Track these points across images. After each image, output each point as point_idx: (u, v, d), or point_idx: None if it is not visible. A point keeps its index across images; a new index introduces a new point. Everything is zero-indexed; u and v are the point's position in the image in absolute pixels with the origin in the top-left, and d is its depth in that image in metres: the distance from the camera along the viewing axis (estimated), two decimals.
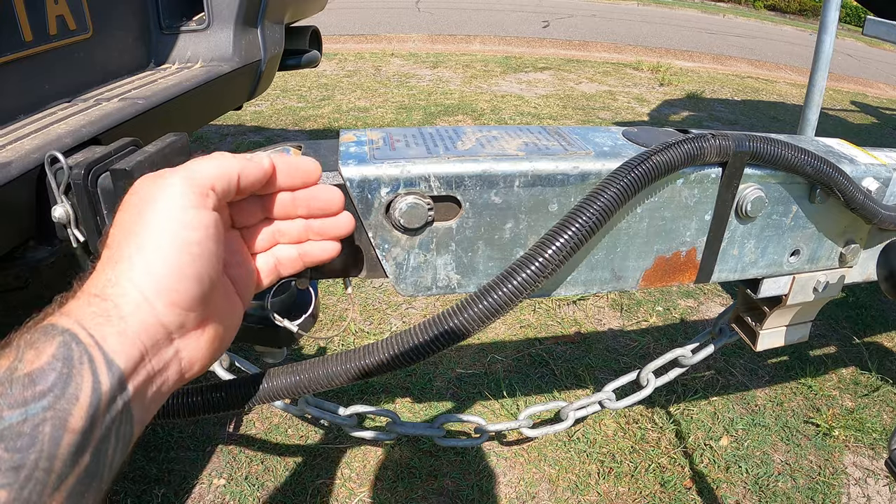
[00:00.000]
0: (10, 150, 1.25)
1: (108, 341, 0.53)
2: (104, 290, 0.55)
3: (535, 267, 0.80)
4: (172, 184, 0.60)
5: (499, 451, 2.48)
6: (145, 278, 0.56)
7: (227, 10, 2.01)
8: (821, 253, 1.20)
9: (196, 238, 0.59)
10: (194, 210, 0.60)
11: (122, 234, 0.59)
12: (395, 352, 0.82)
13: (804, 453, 2.51)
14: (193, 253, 0.59)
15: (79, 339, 0.51)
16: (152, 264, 0.57)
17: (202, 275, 0.60)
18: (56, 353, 0.50)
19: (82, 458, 0.49)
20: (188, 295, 0.59)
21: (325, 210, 0.75)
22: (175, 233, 0.58)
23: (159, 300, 0.56)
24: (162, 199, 0.59)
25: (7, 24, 1.43)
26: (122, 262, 0.57)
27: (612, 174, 0.87)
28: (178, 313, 0.58)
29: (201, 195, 0.61)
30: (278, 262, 0.76)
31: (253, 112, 6.67)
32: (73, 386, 0.49)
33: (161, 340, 0.58)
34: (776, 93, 9.17)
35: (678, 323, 3.35)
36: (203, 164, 0.63)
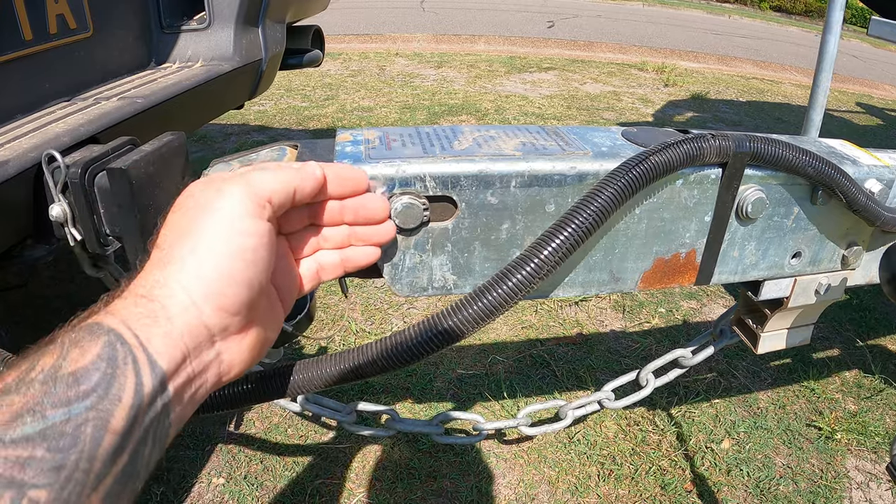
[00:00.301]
0: (8, 148, 1.25)
1: (153, 342, 0.53)
2: (152, 290, 0.56)
3: (530, 268, 0.79)
4: (232, 192, 0.61)
5: (498, 453, 2.47)
6: (195, 281, 0.57)
7: (228, 10, 2.00)
8: (823, 255, 1.19)
9: (251, 245, 0.60)
10: (251, 219, 0.61)
11: (174, 235, 0.59)
12: (388, 354, 0.81)
13: (806, 457, 2.49)
14: (247, 259, 0.60)
15: (123, 339, 0.51)
16: (204, 267, 0.57)
17: (252, 281, 0.61)
18: (101, 352, 0.50)
19: (120, 459, 0.49)
20: (236, 300, 0.59)
21: (372, 218, 0.77)
22: (230, 239, 0.59)
23: (207, 304, 0.57)
24: (220, 206, 0.60)
25: (7, 22, 1.43)
26: (172, 263, 0.57)
27: (610, 175, 0.86)
28: (224, 317, 0.59)
29: (259, 206, 0.62)
30: (321, 267, 0.77)
31: (257, 111, 6.67)
32: (117, 386, 0.49)
33: (203, 343, 0.58)
34: (781, 94, 9.15)
35: (681, 324, 3.34)
36: (264, 176, 0.64)
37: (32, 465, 0.43)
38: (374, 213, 0.77)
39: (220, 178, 0.63)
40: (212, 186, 0.62)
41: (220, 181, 0.62)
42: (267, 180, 0.63)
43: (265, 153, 0.96)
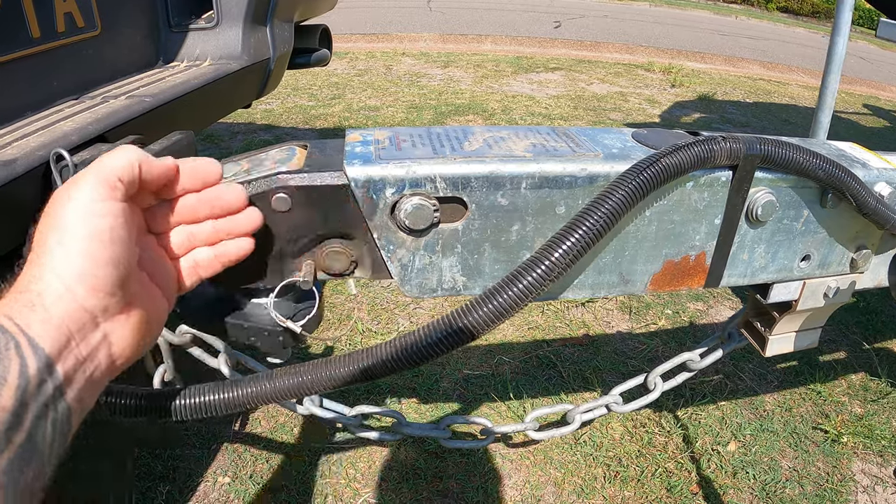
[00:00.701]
0: (16, 147, 1.25)
1: (33, 328, 0.56)
2: (28, 285, 0.59)
3: (541, 270, 0.79)
4: (85, 180, 0.64)
5: (504, 454, 2.47)
6: (65, 267, 0.60)
7: (237, 9, 2.00)
8: (832, 258, 1.18)
9: (107, 225, 0.63)
10: (104, 202, 0.63)
11: (42, 233, 0.62)
12: (399, 355, 0.81)
13: (812, 460, 2.49)
14: (105, 239, 0.62)
15: (4, 328, 0.54)
16: (70, 253, 0.60)
17: (117, 259, 0.63)
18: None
19: (15, 437, 0.51)
20: (107, 280, 0.62)
21: (228, 208, 0.78)
22: (87, 222, 0.62)
23: (80, 286, 0.60)
24: (76, 195, 0.63)
25: (15, 20, 1.43)
26: (44, 255, 0.60)
27: (621, 177, 0.86)
28: (100, 297, 0.62)
29: (110, 187, 0.64)
30: (196, 264, 0.79)
31: (263, 110, 6.68)
32: (1, 368, 0.52)
33: (87, 325, 0.61)
34: (788, 95, 9.13)
35: (687, 326, 3.33)
36: (110, 158, 0.66)
37: None
38: (228, 203, 0.78)
39: (77, 174, 0.66)
40: (69, 182, 0.65)
41: (77, 175, 0.65)
42: (113, 161, 0.66)
43: (274, 153, 0.96)
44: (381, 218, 0.87)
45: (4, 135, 1.34)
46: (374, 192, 0.85)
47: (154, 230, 0.76)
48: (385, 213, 0.87)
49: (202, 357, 1.56)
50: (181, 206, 0.76)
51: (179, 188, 0.75)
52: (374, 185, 0.85)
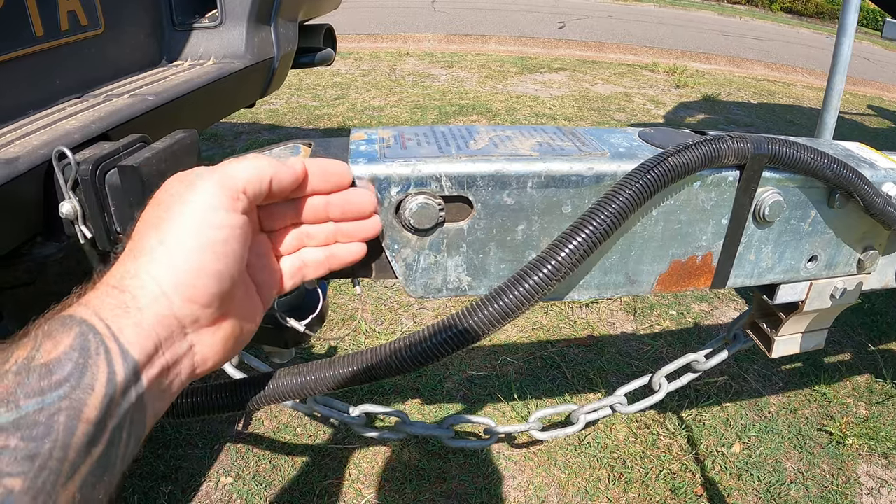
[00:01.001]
0: (19, 145, 1.25)
1: (125, 332, 0.53)
2: (122, 281, 0.56)
3: (547, 270, 0.78)
4: (205, 184, 0.61)
5: (508, 455, 2.46)
6: (165, 271, 0.57)
7: (240, 8, 2.00)
8: (839, 259, 1.18)
9: (221, 237, 0.60)
10: (224, 212, 0.60)
11: (146, 227, 0.59)
12: (403, 355, 0.81)
13: (817, 462, 2.48)
14: (217, 252, 0.59)
15: (96, 329, 0.52)
16: (174, 258, 0.57)
17: (223, 274, 0.60)
18: (73, 343, 0.50)
19: (95, 449, 0.49)
20: (206, 292, 0.59)
21: (358, 213, 0.77)
22: (200, 231, 0.59)
23: (176, 294, 0.57)
24: (192, 198, 0.59)
25: (18, 19, 1.43)
26: (143, 254, 0.57)
27: (628, 176, 0.85)
28: (194, 309, 0.59)
29: (232, 198, 0.61)
30: (304, 264, 0.77)
31: (267, 110, 6.68)
32: (90, 376, 0.49)
33: (175, 334, 0.58)
34: (792, 96, 9.12)
35: (692, 327, 3.32)
36: (237, 167, 0.64)
37: (6, 454, 0.43)
38: (359, 207, 0.77)
39: (195, 172, 0.63)
40: (185, 179, 0.62)
41: (195, 174, 0.62)
42: (241, 170, 0.63)
43: (279, 150, 0.95)
44: (386, 217, 0.87)
45: (7, 133, 1.34)
46: (379, 190, 0.85)
47: (268, 228, 0.73)
48: (390, 211, 0.86)
49: None
50: (306, 206, 0.74)
51: (309, 190, 0.72)
52: (378, 183, 0.84)
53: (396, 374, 0.83)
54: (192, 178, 0.61)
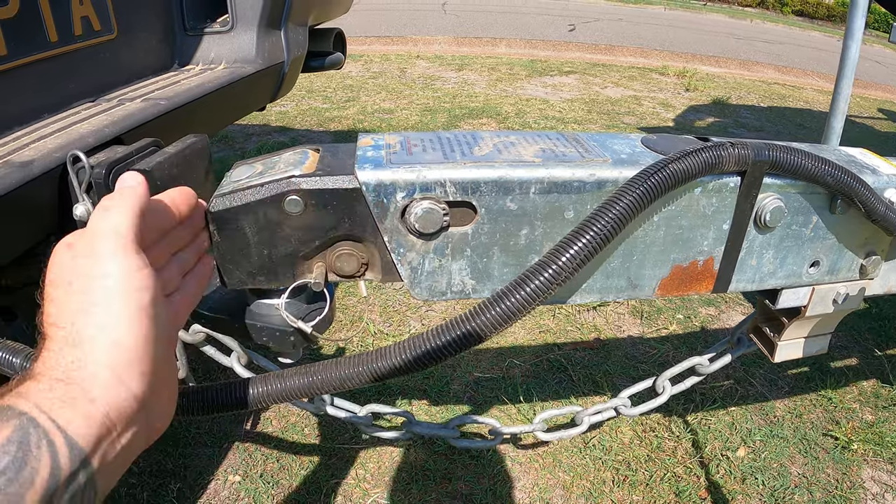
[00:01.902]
0: (34, 148, 1.27)
1: (73, 424, 0.52)
2: (68, 373, 0.55)
3: (548, 274, 0.80)
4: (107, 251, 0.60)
5: (513, 456, 2.47)
6: (113, 356, 0.56)
7: (251, 12, 2.02)
8: (841, 264, 1.19)
9: (149, 297, 0.60)
10: (139, 271, 0.60)
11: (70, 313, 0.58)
12: (408, 356, 0.82)
13: (822, 466, 2.48)
14: (152, 313, 0.59)
15: (37, 422, 0.51)
16: (119, 339, 0.57)
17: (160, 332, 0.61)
18: (11, 436, 0.49)
19: None
20: (155, 357, 0.59)
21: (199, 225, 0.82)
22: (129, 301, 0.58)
23: (131, 373, 0.57)
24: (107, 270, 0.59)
25: (33, 24, 1.45)
26: (84, 342, 0.56)
27: (629, 182, 0.87)
28: (149, 380, 0.59)
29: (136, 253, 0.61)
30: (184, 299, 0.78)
31: (278, 112, 6.70)
32: (29, 470, 0.48)
33: (134, 412, 0.58)
34: (803, 99, 9.10)
35: (699, 331, 3.32)
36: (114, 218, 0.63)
37: None
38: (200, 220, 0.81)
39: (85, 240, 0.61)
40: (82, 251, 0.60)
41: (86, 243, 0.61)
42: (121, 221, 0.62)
43: (287, 156, 0.97)
44: (392, 221, 0.89)
45: (22, 136, 1.36)
46: (385, 195, 0.86)
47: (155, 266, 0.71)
48: (395, 216, 0.88)
49: (215, 356, 1.58)
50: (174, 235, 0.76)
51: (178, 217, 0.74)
52: (384, 188, 0.86)
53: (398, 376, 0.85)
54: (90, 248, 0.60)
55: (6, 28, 1.36)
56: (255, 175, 0.91)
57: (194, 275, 0.79)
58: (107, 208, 0.63)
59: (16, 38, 1.40)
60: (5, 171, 1.16)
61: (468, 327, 0.80)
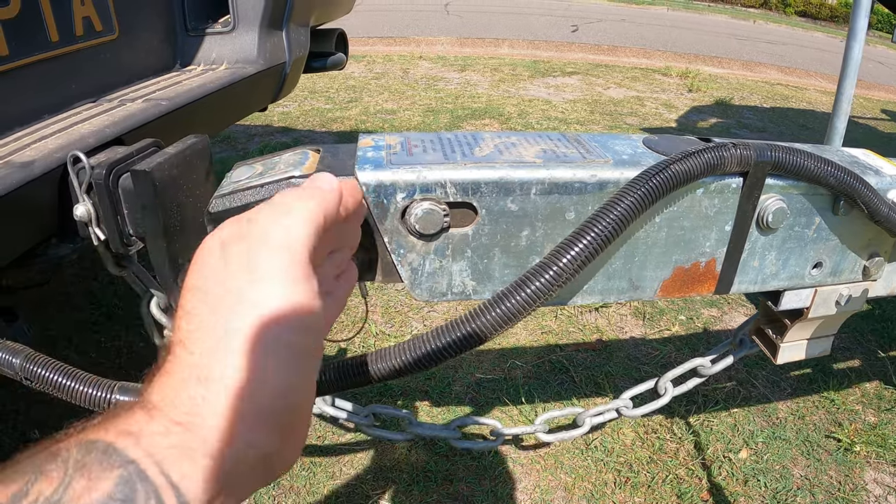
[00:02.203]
0: (34, 149, 1.27)
1: (187, 480, 0.43)
2: (190, 416, 0.45)
3: (549, 275, 0.80)
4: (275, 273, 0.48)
5: (515, 457, 2.47)
6: (247, 407, 0.46)
7: (253, 13, 2.02)
8: (844, 266, 1.18)
9: (310, 345, 0.49)
10: (301, 307, 0.48)
11: (205, 336, 0.47)
12: (408, 357, 0.82)
13: (824, 468, 2.48)
14: (304, 362, 0.49)
15: (146, 475, 0.41)
16: (258, 389, 0.46)
17: (309, 388, 0.50)
18: (113, 490, 0.40)
19: None
20: (296, 416, 0.50)
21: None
22: (285, 345, 0.47)
23: (263, 429, 0.47)
24: (262, 298, 0.48)
25: (34, 24, 1.45)
26: (212, 382, 0.46)
27: (630, 183, 0.86)
28: (282, 439, 0.49)
29: (306, 275, 0.50)
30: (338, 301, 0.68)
31: (281, 113, 6.71)
32: None
33: (258, 467, 0.48)
34: (806, 100, 9.09)
35: (701, 332, 3.32)
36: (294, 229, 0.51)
37: None
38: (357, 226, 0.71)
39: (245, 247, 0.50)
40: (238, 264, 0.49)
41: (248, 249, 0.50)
42: (299, 235, 0.51)
43: (287, 156, 0.97)
44: (392, 222, 0.88)
45: (23, 136, 1.36)
46: (385, 196, 0.86)
47: None
48: (396, 217, 0.88)
49: None
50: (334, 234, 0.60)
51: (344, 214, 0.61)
52: (384, 189, 0.86)
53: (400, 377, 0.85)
54: (249, 259, 0.49)
55: (7, 28, 1.36)
56: (255, 176, 0.91)
57: (346, 277, 0.69)
58: (288, 210, 0.52)
59: (17, 39, 1.40)
60: (6, 172, 1.16)
61: (468, 329, 0.80)
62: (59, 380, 1.00)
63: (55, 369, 1.01)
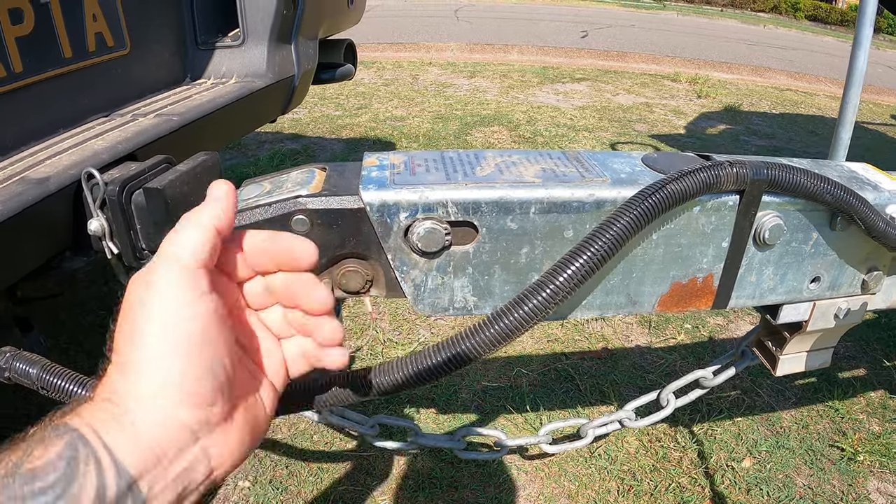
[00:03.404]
0: (49, 164, 1.30)
1: (119, 446, 0.52)
2: (116, 394, 0.55)
3: (547, 293, 0.82)
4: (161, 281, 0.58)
5: (519, 465, 2.49)
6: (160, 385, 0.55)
7: (262, 27, 2.05)
8: (842, 280, 1.20)
9: (198, 329, 0.58)
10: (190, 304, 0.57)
11: (123, 341, 0.57)
12: (409, 372, 0.84)
13: (828, 478, 2.48)
14: (200, 344, 0.57)
15: (86, 440, 0.51)
16: (164, 370, 0.56)
17: (213, 365, 0.58)
18: (62, 452, 0.50)
19: None
20: (205, 390, 0.57)
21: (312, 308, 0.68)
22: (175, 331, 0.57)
23: (178, 403, 0.56)
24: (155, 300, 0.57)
25: (48, 41, 1.48)
26: (130, 370, 0.56)
27: (627, 203, 0.88)
28: (201, 412, 0.57)
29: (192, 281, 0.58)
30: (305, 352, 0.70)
31: (291, 120, 6.74)
32: (76, 487, 0.49)
33: (184, 442, 0.56)
34: (815, 106, 9.07)
35: (706, 341, 3.33)
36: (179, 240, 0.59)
37: None
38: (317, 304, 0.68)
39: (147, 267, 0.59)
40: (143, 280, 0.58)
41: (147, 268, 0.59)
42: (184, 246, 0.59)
43: (295, 175, 1.00)
44: (395, 240, 0.91)
45: (38, 152, 1.39)
46: (389, 216, 0.89)
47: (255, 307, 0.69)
48: (399, 235, 0.90)
49: None
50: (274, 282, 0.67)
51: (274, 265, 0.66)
52: (388, 209, 0.88)
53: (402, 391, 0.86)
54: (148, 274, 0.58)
55: (22, 45, 1.39)
56: (263, 194, 0.94)
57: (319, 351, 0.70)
58: (179, 228, 0.60)
59: (31, 55, 1.43)
60: (23, 188, 1.19)
61: (465, 346, 0.82)
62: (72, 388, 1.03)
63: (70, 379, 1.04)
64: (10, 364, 1.06)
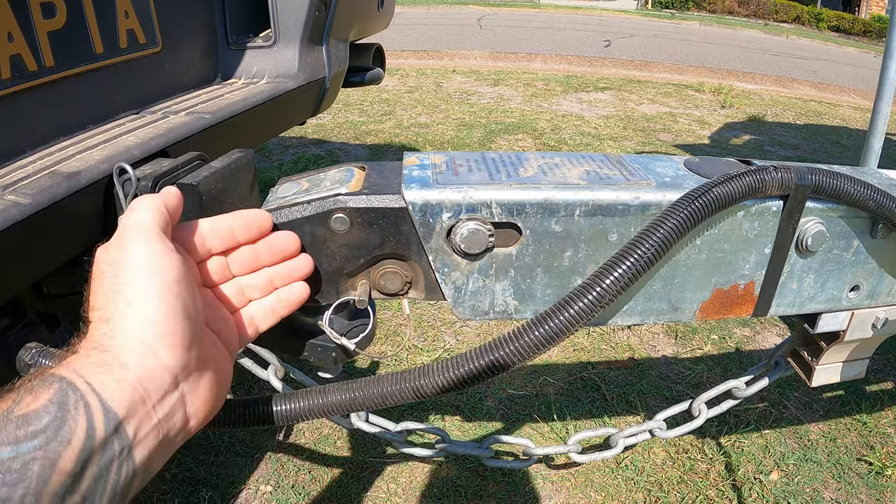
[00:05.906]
0: (80, 159, 1.29)
1: (107, 388, 0.56)
2: (102, 342, 0.59)
3: (591, 297, 0.80)
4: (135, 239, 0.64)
5: (546, 475, 2.47)
6: (143, 326, 0.60)
7: (294, 28, 2.04)
8: (881, 289, 1.17)
9: (174, 277, 0.63)
10: (165, 255, 0.64)
11: (104, 297, 0.62)
12: (447, 377, 0.82)
13: (855, 492, 2.45)
14: (177, 292, 0.63)
15: (75, 385, 0.54)
16: (147, 312, 0.60)
17: (189, 311, 0.64)
18: (52, 397, 0.53)
19: (71, 498, 0.51)
20: (184, 333, 0.62)
21: (285, 255, 0.82)
22: (156, 279, 0.62)
23: (160, 344, 0.60)
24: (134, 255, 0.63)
25: (79, 36, 1.48)
26: (115, 318, 0.60)
27: (673, 206, 0.87)
28: (181, 354, 0.62)
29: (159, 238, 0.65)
30: (254, 314, 0.81)
31: (315, 125, 6.76)
32: (67, 429, 0.52)
33: (167, 385, 0.61)
34: (839, 117, 9.01)
35: (733, 352, 3.30)
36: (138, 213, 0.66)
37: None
38: (285, 248, 0.82)
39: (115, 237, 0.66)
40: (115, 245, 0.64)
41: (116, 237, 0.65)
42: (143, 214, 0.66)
43: (333, 173, 0.98)
44: (437, 241, 0.89)
45: (69, 146, 1.38)
46: (431, 215, 0.87)
47: (208, 284, 0.77)
48: (441, 236, 0.89)
49: (252, 368, 1.60)
50: (237, 258, 0.79)
51: (233, 241, 0.78)
52: (431, 209, 0.87)
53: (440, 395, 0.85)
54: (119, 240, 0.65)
55: (53, 39, 1.39)
56: (300, 192, 0.93)
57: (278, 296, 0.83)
58: (132, 208, 0.68)
59: (63, 50, 1.43)
60: (54, 182, 1.18)
61: (510, 348, 0.80)
62: None
63: None
64: (35, 360, 1.06)
